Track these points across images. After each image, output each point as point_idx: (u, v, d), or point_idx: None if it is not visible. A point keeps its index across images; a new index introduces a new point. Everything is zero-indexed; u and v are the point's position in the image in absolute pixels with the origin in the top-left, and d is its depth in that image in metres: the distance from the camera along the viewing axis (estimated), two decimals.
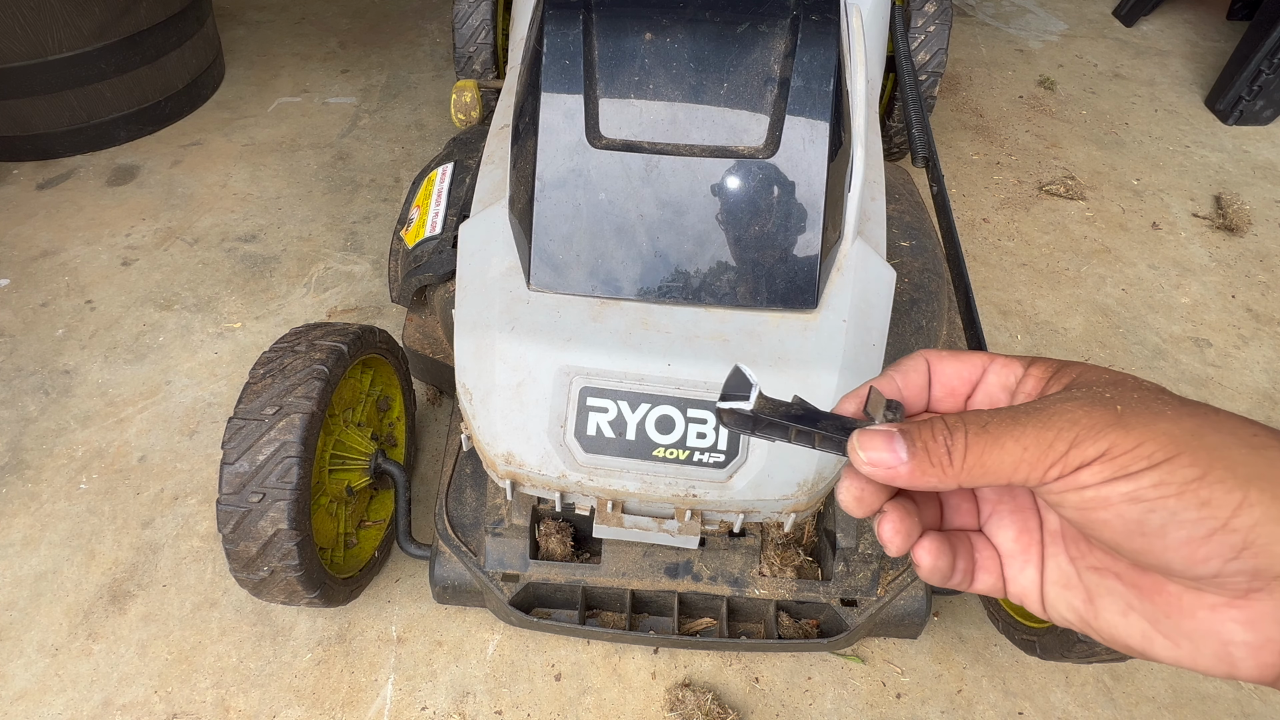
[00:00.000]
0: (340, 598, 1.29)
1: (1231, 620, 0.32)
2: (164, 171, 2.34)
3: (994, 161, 2.51)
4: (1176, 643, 0.34)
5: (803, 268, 1.05)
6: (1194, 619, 0.33)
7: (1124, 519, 0.32)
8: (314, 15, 3.11)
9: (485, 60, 2.16)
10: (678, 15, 1.10)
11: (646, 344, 1.03)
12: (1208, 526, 0.30)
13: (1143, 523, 0.32)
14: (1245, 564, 0.30)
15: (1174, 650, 0.34)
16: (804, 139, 1.05)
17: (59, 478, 1.60)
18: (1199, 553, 0.31)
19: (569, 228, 1.07)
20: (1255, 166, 2.54)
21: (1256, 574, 0.30)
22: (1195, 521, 0.31)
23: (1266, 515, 0.30)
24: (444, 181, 1.47)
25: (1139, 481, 0.31)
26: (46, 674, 1.34)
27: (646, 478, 1.03)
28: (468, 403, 1.08)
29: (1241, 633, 0.32)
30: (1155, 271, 2.16)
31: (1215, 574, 0.31)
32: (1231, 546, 0.30)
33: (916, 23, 2.16)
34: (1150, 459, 0.31)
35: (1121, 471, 0.32)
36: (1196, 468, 0.31)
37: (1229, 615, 0.32)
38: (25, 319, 1.91)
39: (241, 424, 1.12)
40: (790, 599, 1.21)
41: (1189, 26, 3.22)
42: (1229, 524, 0.30)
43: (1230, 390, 1.87)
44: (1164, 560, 0.32)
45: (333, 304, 1.97)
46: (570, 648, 1.38)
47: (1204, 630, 0.33)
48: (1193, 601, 0.33)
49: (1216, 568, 0.31)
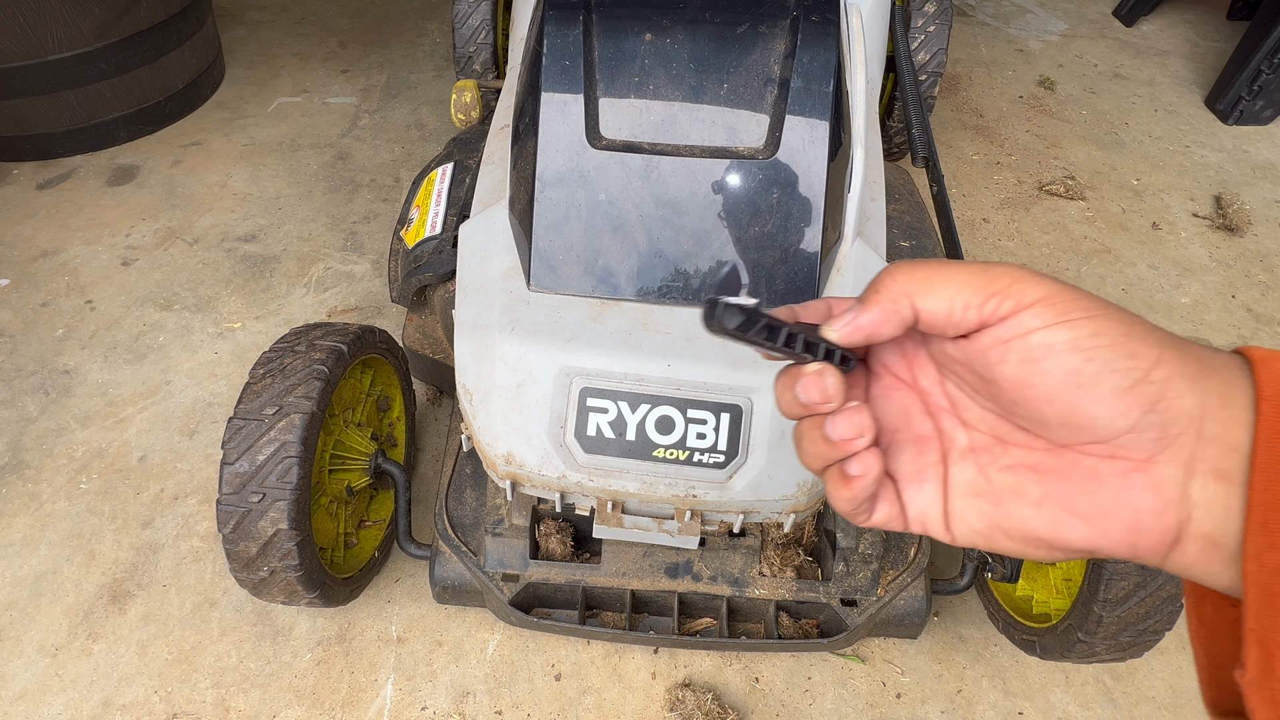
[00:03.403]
0: (340, 598, 1.29)
1: (1140, 485, 0.35)
2: (164, 171, 2.34)
3: (994, 161, 2.51)
4: (1090, 520, 0.36)
5: (803, 268, 1.05)
6: (1108, 488, 0.36)
7: (1064, 369, 0.34)
8: (314, 15, 3.11)
9: (485, 60, 2.16)
10: (678, 16, 1.10)
11: (647, 344, 1.03)
12: (1133, 377, 0.34)
13: (1079, 372, 0.34)
14: (1158, 416, 0.34)
15: (1087, 528, 0.36)
16: (804, 139, 1.05)
17: (59, 478, 1.60)
18: (1122, 403, 0.34)
19: (569, 228, 1.07)
20: (1255, 166, 2.54)
21: (1165, 427, 0.34)
22: (1124, 371, 0.34)
23: (1177, 371, 0.34)
24: (444, 181, 1.47)
25: (1079, 329, 0.34)
26: (46, 674, 1.34)
27: (646, 478, 1.03)
28: (468, 403, 1.08)
29: (1148, 496, 0.35)
30: (1155, 271, 2.16)
31: (1132, 426, 0.34)
32: (1149, 398, 0.34)
33: (916, 23, 2.16)
34: (1086, 310, 0.34)
35: (1064, 316, 0.34)
36: (1124, 325, 0.34)
37: (1138, 480, 0.35)
38: (25, 319, 1.91)
39: (241, 424, 1.12)
40: (790, 599, 1.21)
41: (1189, 26, 3.22)
42: (1149, 375, 0.34)
43: None
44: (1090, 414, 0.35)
45: (333, 304, 1.97)
46: (570, 648, 1.38)
47: (1116, 499, 0.36)
48: (1107, 471, 0.36)
49: (1135, 419, 0.34)
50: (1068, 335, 0.34)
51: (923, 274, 0.37)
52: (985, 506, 0.40)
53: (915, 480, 0.42)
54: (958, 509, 0.41)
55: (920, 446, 0.42)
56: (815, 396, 0.39)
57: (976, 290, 0.36)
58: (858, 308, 0.39)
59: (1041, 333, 0.34)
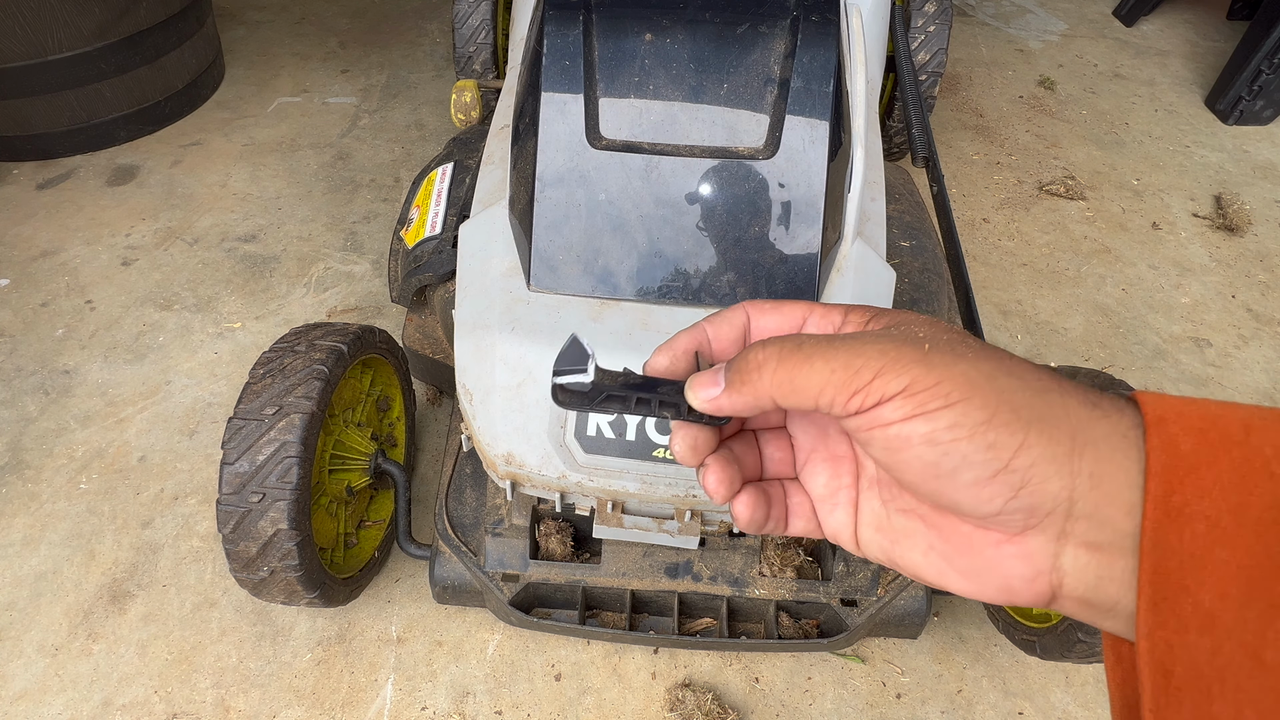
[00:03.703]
0: (340, 598, 1.29)
1: (1011, 556, 0.35)
2: (164, 171, 2.34)
3: (994, 161, 2.51)
4: (967, 577, 0.37)
5: (802, 268, 1.05)
6: (982, 555, 0.36)
7: (922, 460, 0.34)
8: (314, 15, 3.11)
9: (485, 60, 2.16)
10: (678, 16, 1.10)
11: (647, 344, 1.03)
12: (992, 468, 0.33)
13: (938, 465, 0.34)
14: (1022, 502, 0.33)
15: (965, 583, 0.38)
16: (804, 140, 1.05)
17: (59, 478, 1.60)
18: (984, 493, 0.34)
19: (569, 228, 1.07)
20: (1255, 166, 2.54)
21: (1031, 511, 0.33)
22: (982, 463, 0.33)
23: (1042, 455, 0.33)
24: (444, 181, 1.47)
25: (935, 422, 0.33)
26: (46, 674, 1.34)
27: (646, 478, 1.03)
28: (468, 403, 1.08)
29: (1019, 565, 0.35)
30: (1155, 271, 2.16)
31: (998, 511, 0.34)
32: (1011, 486, 0.33)
33: (916, 23, 2.16)
34: (947, 398, 0.33)
35: (920, 409, 0.33)
36: (986, 410, 0.33)
37: (1009, 551, 0.35)
38: (25, 319, 1.91)
39: (241, 424, 1.12)
40: (790, 599, 1.21)
41: (1189, 26, 3.22)
42: (1010, 464, 0.33)
43: (1230, 390, 1.87)
44: (955, 500, 0.35)
45: (333, 304, 1.97)
46: (570, 648, 1.38)
47: (989, 565, 0.36)
48: (980, 540, 0.36)
49: (999, 505, 0.34)
50: (924, 429, 0.33)
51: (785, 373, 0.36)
52: (884, 542, 0.41)
53: (829, 502, 0.44)
54: (864, 536, 0.42)
55: (835, 467, 0.44)
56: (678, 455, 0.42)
57: (840, 388, 0.35)
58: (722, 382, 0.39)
59: (898, 426, 0.34)
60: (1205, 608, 0.30)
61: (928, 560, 0.39)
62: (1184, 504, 0.31)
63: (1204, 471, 0.31)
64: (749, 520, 0.43)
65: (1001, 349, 0.36)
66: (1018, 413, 0.33)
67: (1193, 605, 0.30)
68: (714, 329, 0.43)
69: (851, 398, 0.35)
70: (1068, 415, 0.33)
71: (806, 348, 0.36)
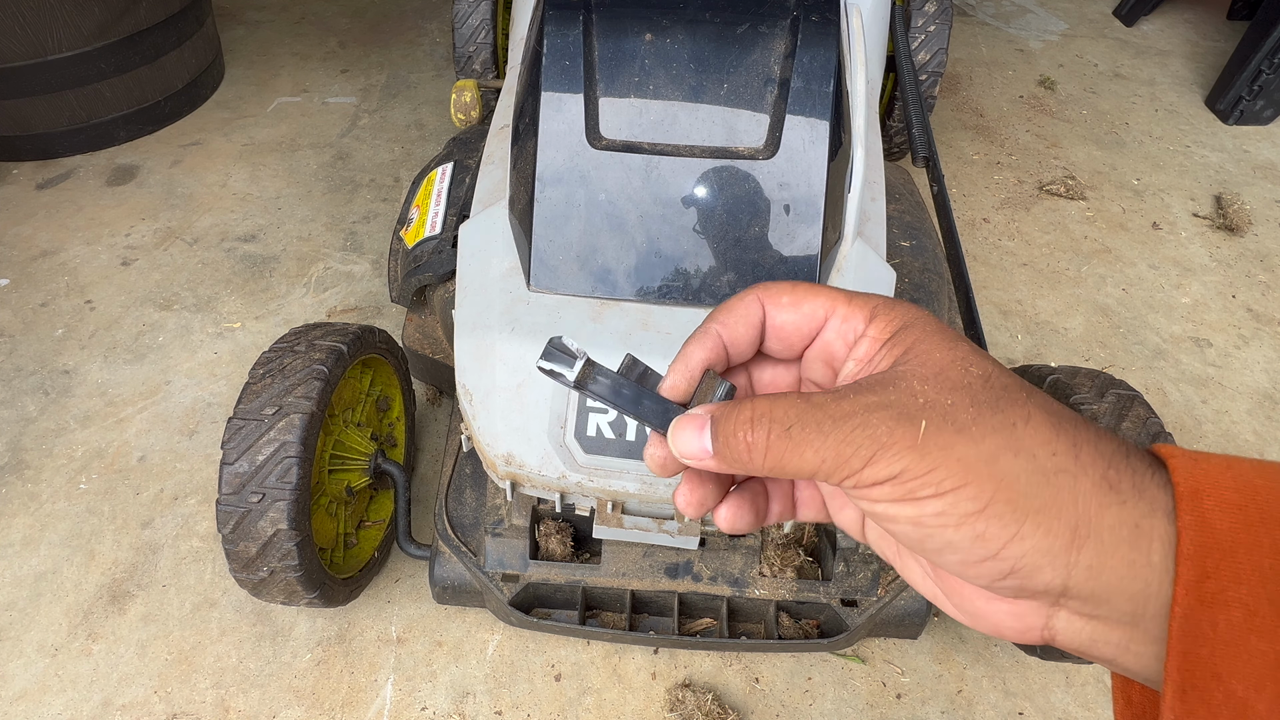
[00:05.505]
0: (340, 598, 1.29)
1: (1002, 612, 0.36)
2: (164, 171, 2.34)
3: (994, 161, 2.51)
4: (961, 612, 0.39)
5: (802, 268, 1.05)
6: (973, 604, 0.37)
7: (907, 537, 0.35)
8: (314, 15, 3.11)
9: (485, 60, 2.15)
10: (678, 16, 1.10)
11: (647, 345, 1.03)
12: (978, 555, 0.33)
13: (922, 541, 0.34)
14: (1010, 583, 0.33)
15: (959, 614, 0.39)
16: (804, 140, 1.05)
17: (59, 478, 1.60)
18: (969, 572, 0.34)
19: (569, 228, 1.07)
20: (1255, 166, 2.54)
21: (1019, 590, 0.34)
22: (968, 549, 0.33)
23: (1035, 548, 0.32)
24: (444, 181, 1.47)
25: (923, 509, 0.33)
26: (46, 674, 1.34)
27: (646, 479, 1.03)
28: (468, 403, 1.08)
29: (1010, 621, 0.36)
30: (1155, 271, 2.16)
31: (985, 586, 0.35)
32: (1000, 571, 0.33)
33: (916, 22, 2.16)
34: (938, 487, 0.32)
35: (908, 496, 0.33)
36: (978, 501, 0.32)
37: (1000, 608, 0.36)
38: (25, 319, 1.91)
39: (241, 424, 1.12)
40: (790, 599, 1.21)
41: (1189, 26, 3.22)
42: (999, 555, 0.32)
43: (1230, 390, 1.87)
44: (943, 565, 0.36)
45: (332, 304, 1.97)
46: (570, 648, 1.38)
47: (980, 612, 0.37)
48: (971, 593, 0.37)
49: (986, 582, 0.34)
50: (910, 513, 0.33)
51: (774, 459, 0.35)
52: (888, 550, 0.41)
53: (838, 499, 0.43)
54: (871, 536, 0.43)
55: None
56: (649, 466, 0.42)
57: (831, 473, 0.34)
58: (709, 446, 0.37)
59: (885, 505, 0.34)
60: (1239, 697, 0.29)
61: (925, 584, 0.40)
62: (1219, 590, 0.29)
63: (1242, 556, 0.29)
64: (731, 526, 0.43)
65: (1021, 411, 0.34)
66: (1014, 504, 0.32)
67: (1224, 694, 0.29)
68: (728, 332, 0.41)
69: (844, 480, 0.34)
70: (1075, 503, 0.32)
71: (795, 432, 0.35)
